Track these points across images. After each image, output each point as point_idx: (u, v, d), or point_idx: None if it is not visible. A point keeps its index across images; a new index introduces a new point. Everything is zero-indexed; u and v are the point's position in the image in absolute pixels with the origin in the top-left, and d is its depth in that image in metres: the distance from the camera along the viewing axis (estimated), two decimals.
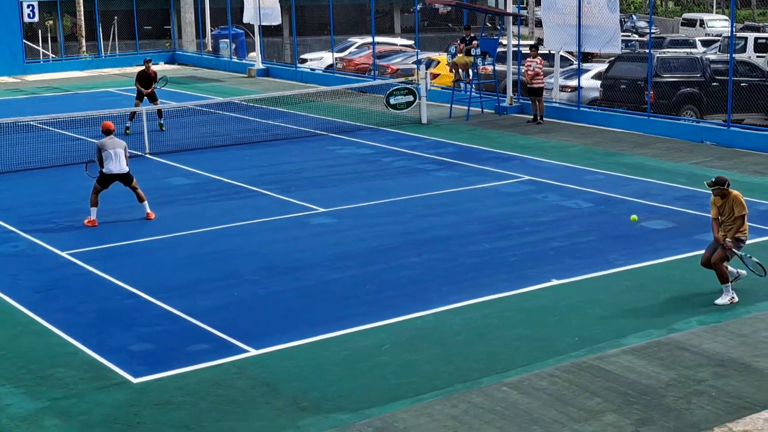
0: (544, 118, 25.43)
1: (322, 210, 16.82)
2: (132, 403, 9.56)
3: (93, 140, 22.58)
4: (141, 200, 16.41)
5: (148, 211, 16.38)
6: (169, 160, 21.22)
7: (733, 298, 11.99)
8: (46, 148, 22.15)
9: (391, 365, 10.35)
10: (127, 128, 23.85)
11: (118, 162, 16.07)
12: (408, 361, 10.46)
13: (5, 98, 31.78)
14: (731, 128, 22.26)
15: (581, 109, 25.59)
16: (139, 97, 24.35)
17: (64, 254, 14.48)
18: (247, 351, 10.80)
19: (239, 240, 15.12)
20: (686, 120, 23.90)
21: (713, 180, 12.05)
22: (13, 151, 22.02)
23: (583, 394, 9.53)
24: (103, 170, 16.06)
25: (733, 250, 11.92)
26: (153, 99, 24.53)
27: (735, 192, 12.02)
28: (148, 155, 21.70)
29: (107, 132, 16.27)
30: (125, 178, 16.26)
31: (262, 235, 15.36)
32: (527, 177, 19.05)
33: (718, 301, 11.98)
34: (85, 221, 16.01)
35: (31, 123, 24.65)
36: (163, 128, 24.40)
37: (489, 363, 10.35)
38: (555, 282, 12.88)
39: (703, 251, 12.47)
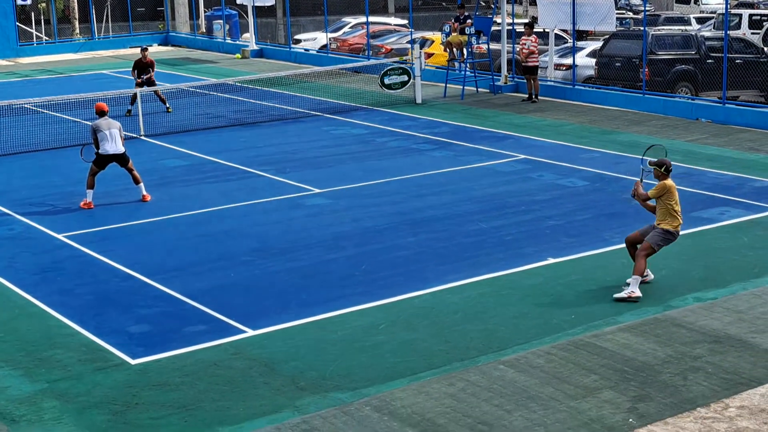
0: (539, 97, 25.40)
1: (317, 191, 16.82)
2: (130, 384, 9.58)
3: (87, 122, 22.53)
4: (137, 182, 16.38)
5: (144, 193, 16.37)
6: (164, 142, 21.19)
7: (633, 292, 11.33)
8: (40, 131, 22.10)
9: (389, 344, 10.38)
10: (129, 111, 23.93)
11: (113, 142, 16.06)
12: (405, 340, 10.49)
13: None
14: (726, 105, 22.26)
15: (576, 87, 25.57)
16: (139, 85, 24.22)
17: (60, 236, 14.47)
18: (244, 332, 10.82)
19: (235, 221, 15.12)
20: (681, 97, 23.89)
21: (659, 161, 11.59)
22: (7, 133, 21.96)
23: (580, 372, 9.57)
24: (99, 151, 16.03)
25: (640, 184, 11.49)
26: (151, 85, 24.46)
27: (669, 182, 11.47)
28: (142, 137, 21.66)
29: (101, 113, 16.23)
30: (121, 159, 16.24)
31: (257, 216, 15.36)
32: (522, 156, 19.04)
33: (617, 295, 11.40)
34: (81, 203, 15.99)
35: (26, 106, 24.57)
36: (170, 110, 24.49)
37: (486, 341, 10.39)
38: (551, 260, 12.90)
39: (700, 227, 12.47)
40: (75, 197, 16.55)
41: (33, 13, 41.33)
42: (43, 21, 41.53)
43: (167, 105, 24.64)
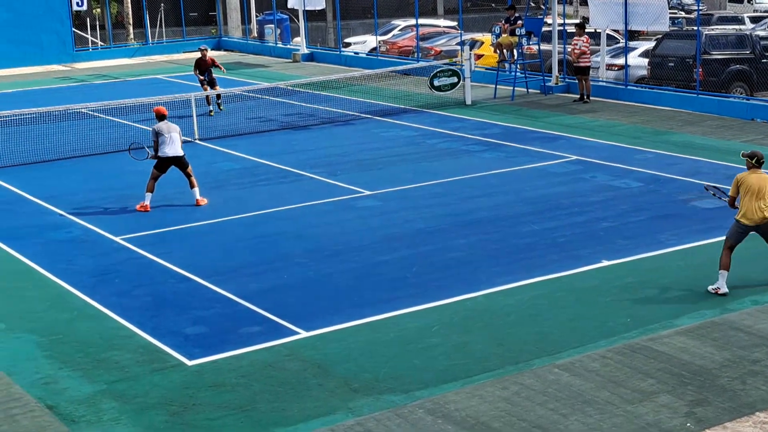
0: (591, 97, 25.22)
1: (368, 192, 16.87)
2: (187, 385, 9.70)
3: (142, 126, 22.86)
4: (192, 186, 16.57)
5: (198, 197, 16.54)
6: (218, 146, 21.39)
7: (717, 288, 11.49)
8: (96, 135, 22.43)
9: (442, 347, 10.38)
10: (211, 111, 24.84)
11: (173, 145, 16.34)
12: (458, 342, 10.48)
13: (56, 86, 32.20)
14: None
15: (629, 87, 25.34)
16: (201, 82, 25.26)
17: (117, 239, 14.68)
18: (297, 333, 10.89)
19: (287, 223, 15.23)
20: (736, 97, 23.57)
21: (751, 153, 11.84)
22: (64, 138, 22.33)
23: (637, 376, 9.49)
24: (159, 154, 16.30)
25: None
26: (212, 84, 25.18)
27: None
28: (197, 141, 21.89)
29: (161, 117, 16.50)
30: (181, 162, 16.50)
31: (309, 218, 15.44)
32: (575, 157, 18.93)
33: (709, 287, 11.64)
34: (138, 206, 16.21)
35: (82, 110, 24.96)
36: (222, 107, 25.31)
37: (540, 344, 10.34)
38: (606, 262, 12.81)
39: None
40: (132, 200, 16.78)
41: (88, 19, 41.93)
42: (98, 26, 42.11)
43: (219, 101, 25.33)
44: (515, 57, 26.97)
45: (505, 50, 27.24)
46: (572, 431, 8.47)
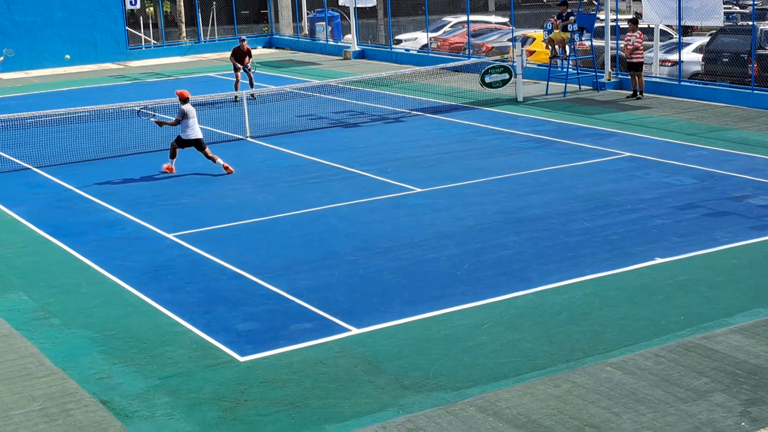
0: (644, 93, 24.95)
1: (419, 190, 16.86)
2: (239, 381, 9.78)
3: None
4: (214, 161, 18.26)
5: (225, 164, 18.27)
6: (269, 143, 21.53)
7: None
8: (149, 133, 22.69)
9: (492, 344, 10.35)
10: (236, 97, 25.77)
11: (195, 128, 18.36)
12: (509, 340, 10.44)
13: (110, 84, 32.63)
14: None
15: (682, 83, 25.03)
16: (236, 69, 27.03)
17: (170, 236, 14.85)
18: (348, 330, 10.93)
19: (338, 220, 15.28)
20: None
21: None
22: (118, 135, 22.63)
23: (690, 374, 9.38)
24: (183, 136, 18.28)
25: None
26: (247, 71, 27.06)
27: None
28: (248, 139, 22.05)
29: (185, 100, 18.28)
30: (200, 144, 18.40)
31: (360, 216, 15.48)
32: (627, 153, 18.74)
33: None
34: (164, 166, 18.27)
35: (135, 108, 25.23)
36: (255, 96, 26.74)
37: (592, 343, 10.27)
38: (659, 260, 12.67)
39: None
40: (184, 197, 16.97)
41: (141, 17, 42.43)
42: (151, 25, 42.60)
43: (252, 91, 26.57)
44: (567, 53, 26.77)
45: (557, 46, 27.04)
46: (625, 430, 8.40)
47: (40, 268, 13.69)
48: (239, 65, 26.96)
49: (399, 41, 37.73)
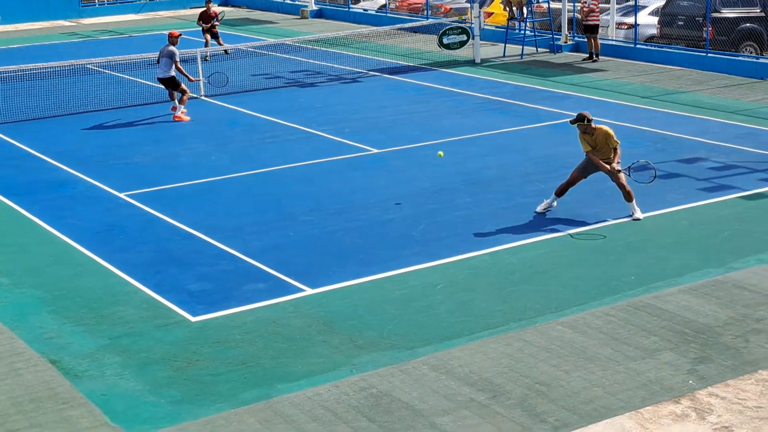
0: (600, 56, 25.00)
1: (375, 151, 16.80)
2: (191, 341, 9.73)
3: (147, 82, 22.81)
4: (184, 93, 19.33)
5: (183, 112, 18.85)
6: (224, 102, 21.30)
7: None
8: (101, 91, 22.36)
9: (446, 304, 10.38)
10: (226, 51, 26.52)
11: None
12: (463, 300, 10.48)
13: (62, 41, 32.05)
14: None
15: (638, 46, 25.11)
16: (204, 31, 27.13)
17: (121, 195, 14.68)
18: (302, 290, 10.90)
19: (293, 181, 15.19)
20: (746, 56, 23.34)
21: (575, 117, 12.95)
22: (69, 93, 22.26)
23: (639, 333, 9.48)
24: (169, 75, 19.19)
25: (623, 172, 12.85)
26: (215, 36, 27.06)
27: (603, 127, 12.91)
28: (203, 97, 21.80)
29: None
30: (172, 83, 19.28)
31: (315, 176, 15.40)
32: None
33: (637, 215, 12.72)
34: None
35: (87, 66, 24.85)
36: (229, 52, 26.69)
37: (544, 302, 10.34)
38: (611, 221, 12.76)
39: (763, 188, 12.27)
40: (137, 157, 16.77)
41: None
42: None
43: (225, 48, 26.65)
44: (525, 15, 26.72)
45: (514, 8, 26.98)
46: (574, 387, 8.48)
47: None
48: (205, 26, 26.96)
49: (357, 1, 37.42)
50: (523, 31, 26.61)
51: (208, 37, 26.99)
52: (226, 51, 26.61)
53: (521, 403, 8.26)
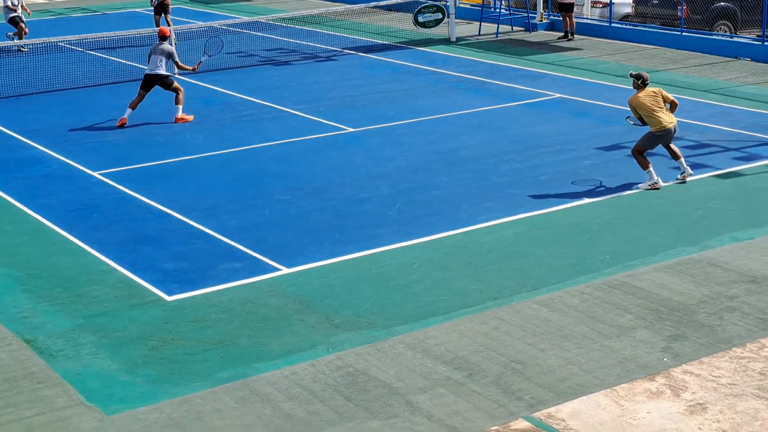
0: (575, 35, 25.03)
1: (351, 130, 16.76)
2: (166, 321, 9.69)
3: (120, 60, 22.62)
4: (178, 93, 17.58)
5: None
6: (198, 80, 21.15)
7: (656, 183, 13.05)
8: (74, 69, 22.14)
9: (422, 283, 10.40)
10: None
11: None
12: (439, 279, 10.50)
13: (34, 19, 31.63)
14: (765, 43, 21.82)
15: (613, 25, 25.15)
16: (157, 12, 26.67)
17: (95, 174, 14.57)
18: (279, 269, 10.87)
19: (268, 160, 15.13)
20: (720, 35, 23.45)
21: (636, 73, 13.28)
22: (42, 71, 22.03)
23: (615, 311, 9.54)
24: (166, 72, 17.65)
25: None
26: (164, 9, 26.62)
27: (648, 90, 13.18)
28: (176, 76, 21.61)
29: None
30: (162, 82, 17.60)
31: (291, 155, 15.34)
32: (558, 95, 18.83)
33: (641, 185, 13.08)
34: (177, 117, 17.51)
35: (60, 43, 24.59)
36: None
37: (520, 281, 10.37)
38: (586, 200, 12.82)
39: (737, 167, 12.36)
40: (111, 135, 16.64)
41: None
42: None
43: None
44: None
45: None
46: (550, 365, 8.53)
47: None
48: (152, 2, 26.72)
49: None
50: (498, 10, 26.58)
51: (158, 19, 26.44)
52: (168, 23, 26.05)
53: (497, 381, 8.29)
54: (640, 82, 13.16)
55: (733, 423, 7.54)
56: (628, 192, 13.07)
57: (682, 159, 13.30)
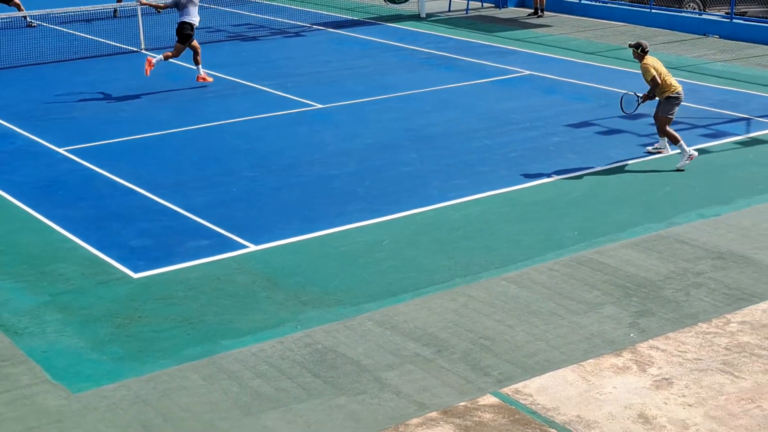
0: (545, 12, 25.02)
1: (319, 106, 16.67)
2: (133, 298, 9.61)
3: (85, 35, 22.33)
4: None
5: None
6: None
7: (691, 155, 12.91)
8: (40, 44, 21.83)
9: (391, 260, 10.38)
10: (116, 11, 25.27)
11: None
12: (408, 256, 10.48)
13: None
14: (734, 21, 21.93)
15: (583, 2, 25.16)
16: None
17: (61, 150, 14.39)
18: (246, 246, 10.81)
19: (236, 136, 15.01)
20: (689, 12, 23.53)
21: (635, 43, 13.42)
22: (8, 47, 21.69)
23: (582, 287, 9.58)
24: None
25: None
26: None
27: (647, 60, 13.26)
28: (143, 51, 21.40)
29: None
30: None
31: (258, 131, 15.24)
32: (528, 72, 18.83)
33: (679, 165, 12.97)
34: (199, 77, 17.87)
35: (25, 18, 24.22)
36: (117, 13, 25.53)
37: (488, 258, 10.38)
38: (555, 177, 12.84)
39: (705, 144, 12.44)
40: (76, 111, 16.43)
41: None
42: None
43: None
44: None
45: None
46: (518, 341, 8.55)
47: None
48: None
49: None
50: None
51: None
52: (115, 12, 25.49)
53: (465, 358, 8.31)
54: (640, 51, 13.26)
55: (698, 397, 7.60)
56: (596, 168, 13.11)
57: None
